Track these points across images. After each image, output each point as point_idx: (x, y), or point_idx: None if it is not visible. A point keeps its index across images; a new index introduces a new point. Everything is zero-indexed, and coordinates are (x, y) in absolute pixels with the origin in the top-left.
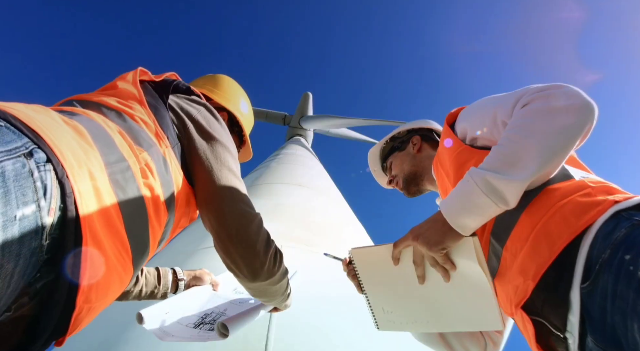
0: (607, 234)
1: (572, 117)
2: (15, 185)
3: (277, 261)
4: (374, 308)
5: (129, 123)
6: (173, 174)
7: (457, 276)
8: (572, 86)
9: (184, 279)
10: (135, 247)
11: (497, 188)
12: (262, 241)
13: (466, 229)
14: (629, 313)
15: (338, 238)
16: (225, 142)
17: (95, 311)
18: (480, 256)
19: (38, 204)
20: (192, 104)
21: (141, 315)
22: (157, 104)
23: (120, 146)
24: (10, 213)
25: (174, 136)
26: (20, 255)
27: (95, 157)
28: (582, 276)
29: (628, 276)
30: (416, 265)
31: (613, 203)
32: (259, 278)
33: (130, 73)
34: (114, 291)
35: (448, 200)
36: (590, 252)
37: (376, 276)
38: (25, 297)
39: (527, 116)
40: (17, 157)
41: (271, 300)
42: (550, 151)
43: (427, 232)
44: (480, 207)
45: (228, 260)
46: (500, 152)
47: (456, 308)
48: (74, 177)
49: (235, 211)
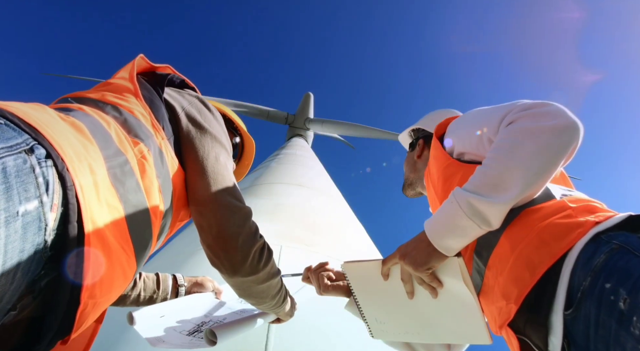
0: (587, 261)
1: (557, 137)
2: (17, 181)
3: (263, 258)
4: (367, 318)
5: (125, 115)
6: (170, 166)
7: (444, 292)
8: (558, 104)
9: (185, 285)
10: (137, 240)
11: (480, 211)
12: (246, 235)
13: (450, 251)
14: (611, 343)
15: (338, 238)
16: (217, 133)
17: (99, 307)
18: (466, 276)
19: (40, 199)
20: (185, 96)
21: (132, 316)
22: (152, 97)
23: (117, 139)
24: (13, 209)
25: (169, 128)
26: (24, 251)
27: (95, 151)
28: (564, 303)
29: (609, 306)
30: (404, 282)
31: (594, 224)
32: (238, 273)
33: (129, 64)
34: (118, 285)
35: (432, 221)
36: (571, 279)
37: (368, 289)
38: (30, 296)
39: (511, 136)
40: (18, 153)
41: (260, 303)
42: (534, 173)
43: (413, 252)
44: (463, 229)
45: (210, 252)
46: (484, 174)
47: (445, 322)
48: (74, 170)
49: (218, 202)
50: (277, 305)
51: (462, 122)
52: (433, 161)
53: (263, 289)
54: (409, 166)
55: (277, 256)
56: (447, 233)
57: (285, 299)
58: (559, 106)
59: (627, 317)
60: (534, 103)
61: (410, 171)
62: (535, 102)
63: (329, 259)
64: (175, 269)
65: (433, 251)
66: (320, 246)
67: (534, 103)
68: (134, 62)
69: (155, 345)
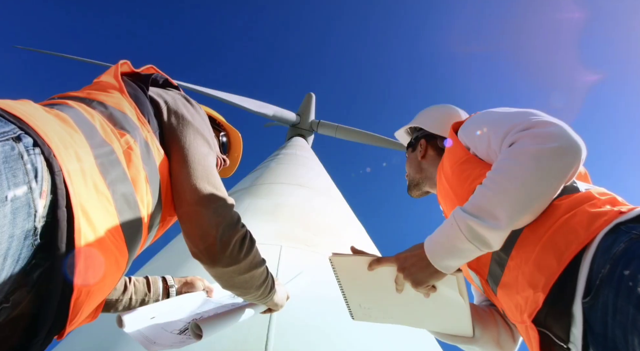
0: (607, 249)
1: (558, 161)
2: (6, 167)
3: (245, 248)
4: (350, 304)
5: (111, 110)
6: (156, 157)
7: (436, 294)
8: (561, 124)
9: (175, 286)
10: (127, 228)
11: (480, 235)
12: (226, 224)
13: (450, 269)
14: (629, 328)
15: (338, 238)
16: (199, 126)
17: (93, 297)
18: (462, 289)
19: (29, 185)
20: (169, 93)
21: (121, 319)
22: (137, 93)
23: (102, 131)
24: (1, 194)
25: (154, 122)
26: (14, 237)
27: (81, 140)
28: (584, 291)
29: (627, 292)
30: (397, 284)
31: (618, 213)
32: (219, 263)
33: (112, 67)
34: (111, 274)
35: (433, 241)
36: (591, 266)
37: (355, 282)
38: (23, 289)
39: (512, 158)
40: (5, 141)
41: (245, 294)
42: (534, 197)
43: (413, 268)
44: (463, 251)
45: (189, 242)
46: (484, 196)
47: (431, 313)
48: (61, 157)
49: (197, 191)
50: (264, 295)
51: (474, 125)
52: (449, 155)
53: (246, 280)
54: (413, 168)
55: (277, 256)
56: (447, 255)
57: (272, 289)
58: (561, 126)
59: None
60: (536, 122)
61: (416, 172)
62: (538, 120)
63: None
64: (174, 270)
65: (434, 271)
66: (320, 246)
67: (536, 122)
68: (117, 65)
69: (147, 347)
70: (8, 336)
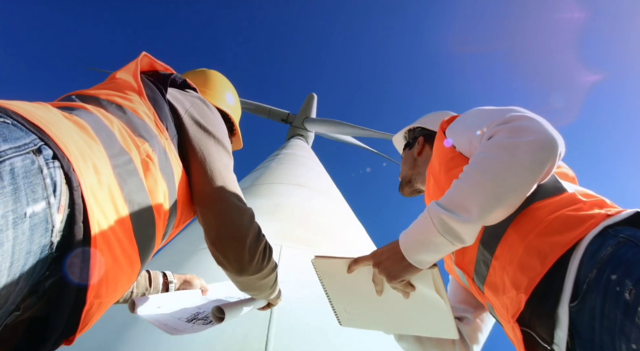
0: (594, 253)
1: (532, 155)
2: (25, 182)
3: (267, 256)
4: (336, 308)
5: (129, 115)
6: (173, 166)
7: (415, 294)
8: (538, 118)
9: (174, 282)
10: (141, 240)
11: (453, 229)
12: (253, 236)
13: (424, 264)
14: (616, 333)
15: (338, 238)
16: (219, 135)
17: (104, 307)
18: (439, 285)
19: (48, 201)
20: (188, 97)
21: (134, 302)
22: (156, 96)
23: (121, 138)
24: (21, 210)
25: (172, 128)
26: (30, 253)
27: (99, 150)
28: (571, 295)
29: (615, 297)
30: (375, 284)
31: (605, 216)
32: (246, 272)
33: (132, 63)
34: (123, 285)
35: (407, 235)
36: (578, 271)
37: (338, 284)
38: (34, 296)
39: (487, 151)
40: (26, 154)
41: (259, 294)
42: (507, 191)
43: (387, 262)
44: (436, 245)
45: (217, 253)
46: (458, 189)
47: (414, 316)
48: (80, 170)
49: (225, 204)
50: (272, 292)
51: (461, 124)
52: (437, 152)
53: (264, 283)
54: (408, 164)
55: (277, 256)
56: (421, 249)
57: (277, 285)
58: (538, 120)
59: (633, 308)
60: (512, 116)
61: (409, 169)
62: (516, 115)
63: None
64: (176, 268)
65: (407, 265)
66: (320, 246)
67: (512, 116)
68: (138, 60)
69: (169, 332)
70: (9, 336)
